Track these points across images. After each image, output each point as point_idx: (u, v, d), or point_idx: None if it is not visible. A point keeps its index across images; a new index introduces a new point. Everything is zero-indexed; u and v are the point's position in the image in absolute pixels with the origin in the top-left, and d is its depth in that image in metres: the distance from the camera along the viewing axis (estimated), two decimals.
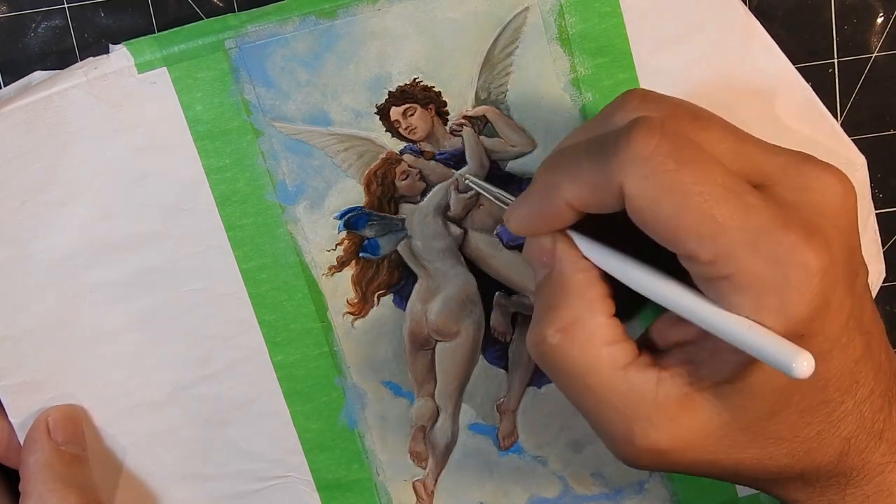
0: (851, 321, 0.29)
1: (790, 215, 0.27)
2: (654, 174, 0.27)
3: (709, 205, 0.27)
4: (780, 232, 0.27)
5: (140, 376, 0.39)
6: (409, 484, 0.42)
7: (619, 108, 0.31)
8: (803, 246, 0.27)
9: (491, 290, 0.41)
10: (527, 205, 0.31)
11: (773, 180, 0.29)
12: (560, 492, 0.43)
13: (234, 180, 0.38)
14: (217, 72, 0.37)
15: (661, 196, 0.27)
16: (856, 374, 0.30)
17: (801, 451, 0.30)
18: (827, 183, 0.29)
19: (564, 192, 0.30)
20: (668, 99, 0.31)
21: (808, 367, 0.26)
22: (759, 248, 0.27)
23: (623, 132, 0.28)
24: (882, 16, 0.41)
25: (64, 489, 0.36)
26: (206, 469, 0.40)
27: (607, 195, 0.28)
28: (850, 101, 0.41)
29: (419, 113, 0.39)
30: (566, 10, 0.38)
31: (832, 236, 0.28)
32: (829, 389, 0.30)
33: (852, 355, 0.29)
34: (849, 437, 0.30)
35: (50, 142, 0.37)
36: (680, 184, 0.27)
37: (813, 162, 0.29)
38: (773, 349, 0.26)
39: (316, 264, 0.39)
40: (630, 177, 0.27)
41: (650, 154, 0.27)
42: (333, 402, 0.41)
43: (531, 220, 0.31)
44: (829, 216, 0.28)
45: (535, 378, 0.42)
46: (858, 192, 0.40)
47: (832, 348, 0.29)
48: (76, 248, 0.38)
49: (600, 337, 0.30)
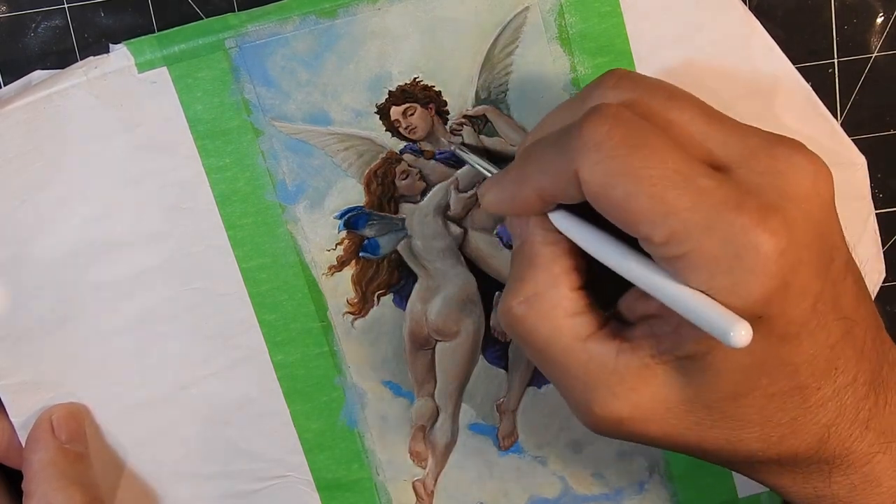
0: (821, 305, 0.29)
1: (747, 197, 0.27)
2: (605, 160, 0.28)
3: (658, 188, 0.27)
4: (733, 213, 0.27)
5: (140, 375, 0.39)
6: (408, 484, 0.42)
7: (595, 88, 0.31)
8: (756, 227, 0.27)
9: (491, 289, 0.41)
10: (501, 190, 0.32)
11: (738, 163, 0.29)
12: (560, 492, 0.43)
13: (234, 180, 0.38)
14: (217, 71, 0.37)
15: (612, 181, 0.28)
16: (833, 360, 0.30)
17: (773, 436, 0.30)
18: (797, 165, 0.29)
19: (532, 184, 0.31)
20: (644, 79, 0.31)
21: (745, 336, 0.26)
22: (711, 228, 0.27)
23: (579, 120, 0.29)
24: (882, 16, 0.41)
25: (68, 487, 0.36)
26: (206, 468, 0.40)
27: (567, 184, 0.29)
28: (850, 101, 0.41)
29: (419, 112, 0.39)
30: (566, 9, 0.38)
31: (796, 219, 0.28)
32: (801, 374, 0.29)
33: (825, 341, 0.29)
34: (829, 424, 0.30)
35: (50, 141, 0.37)
36: (630, 168, 0.28)
37: (786, 144, 0.29)
38: (714, 317, 0.27)
39: (316, 264, 0.39)
40: (584, 163, 0.28)
41: (601, 140, 0.28)
42: (333, 402, 0.41)
43: (504, 206, 0.32)
44: (796, 199, 0.28)
45: (535, 378, 0.42)
46: (858, 193, 0.40)
47: (799, 332, 0.29)
48: (76, 247, 0.38)
49: (562, 308, 0.31)
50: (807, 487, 0.32)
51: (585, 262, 0.32)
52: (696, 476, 0.43)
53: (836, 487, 0.31)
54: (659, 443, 0.31)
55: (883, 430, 0.31)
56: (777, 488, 0.33)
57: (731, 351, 0.29)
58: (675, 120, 0.29)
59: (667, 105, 0.30)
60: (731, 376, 0.29)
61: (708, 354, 0.29)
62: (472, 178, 0.39)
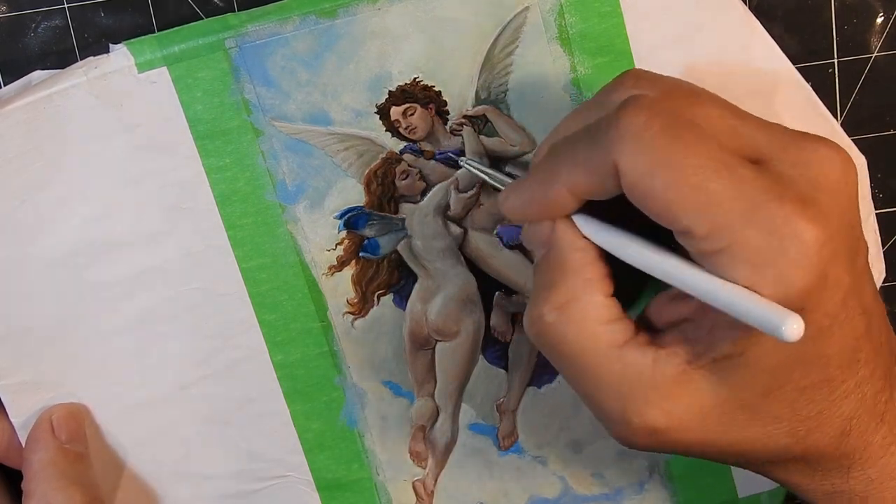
0: (850, 299, 0.29)
1: (785, 188, 0.27)
2: (647, 149, 0.27)
3: (701, 178, 0.27)
4: (775, 203, 0.27)
5: (140, 376, 0.39)
6: (408, 484, 0.42)
7: (615, 88, 0.31)
8: (799, 217, 0.27)
9: (491, 289, 0.41)
10: (526, 192, 0.31)
11: (769, 156, 0.28)
12: (560, 492, 0.43)
13: (234, 180, 0.38)
14: (217, 71, 0.37)
15: (654, 171, 0.27)
16: (857, 353, 0.30)
17: (801, 430, 0.30)
18: (825, 157, 0.28)
19: (564, 180, 0.30)
20: (664, 78, 0.31)
21: (798, 329, 0.26)
22: (754, 219, 0.26)
23: (614, 111, 0.28)
24: (882, 16, 0.41)
25: (68, 487, 0.36)
26: (206, 468, 0.40)
27: (604, 177, 0.28)
28: (850, 101, 0.41)
29: (419, 112, 0.39)
30: (566, 9, 0.38)
31: (830, 210, 0.27)
32: (830, 367, 0.29)
33: (852, 333, 0.29)
34: (850, 416, 0.30)
35: (50, 141, 0.37)
36: (672, 158, 0.27)
37: (812, 138, 0.29)
38: (764, 312, 0.26)
39: (316, 264, 0.39)
40: (623, 154, 0.27)
41: (641, 129, 0.27)
42: (333, 402, 0.41)
43: (530, 209, 0.31)
44: (827, 190, 0.28)
45: (535, 378, 0.42)
46: (858, 193, 0.40)
47: (832, 324, 0.29)
48: (76, 247, 0.38)
49: (596, 316, 0.30)
50: (825, 484, 0.32)
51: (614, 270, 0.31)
52: (696, 476, 0.43)
53: (854, 482, 0.31)
54: (692, 451, 0.31)
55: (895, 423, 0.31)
56: (796, 486, 0.33)
57: (768, 347, 0.28)
58: (704, 113, 0.29)
59: (690, 101, 0.29)
60: (765, 373, 0.29)
61: (744, 353, 0.29)
62: (472, 178, 0.39)
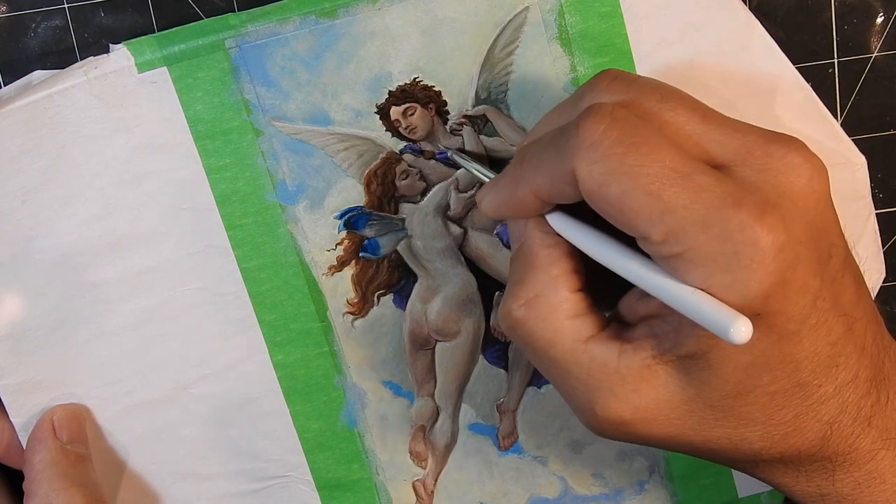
0: (821, 302, 0.29)
1: (745, 194, 0.27)
2: (602, 158, 0.28)
3: (656, 186, 0.27)
4: (731, 210, 0.27)
5: (140, 375, 0.39)
6: (409, 484, 0.42)
7: (588, 90, 0.31)
8: (754, 224, 0.27)
9: (491, 289, 0.41)
10: (497, 193, 0.32)
11: (735, 161, 0.29)
12: (560, 492, 0.43)
13: (234, 180, 0.38)
14: (217, 71, 0.37)
15: (609, 179, 0.28)
16: (834, 357, 0.30)
17: (776, 434, 0.30)
18: (792, 163, 0.29)
19: (529, 183, 0.31)
20: (637, 79, 0.31)
21: (746, 332, 0.26)
22: (709, 225, 0.27)
23: (575, 120, 0.29)
24: (882, 15, 0.41)
25: (70, 488, 0.36)
26: (207, 468, 0.40)
27: (564, 184, 0.29)
28: (849, 101, 0.41)
29: (419, 112, 0.39)
30: (566, 9, 0.38)
31: (793, 215, 0.28)
32: (802, 372, 0.29)
33: (827, 338, 0.29)
34: (831, 421, 0.30)
35: (50, 141, 0.37)
36: (627, 166, 0.28)
37: (782, 141, 0.29)
38: (713, 314, 0.27)
39: (316, 264, 0.39)
40: (580, 162, 0.28)
41: (598, 139, 0.28)
42: (333, 402, 0.41)
43: (503, 208, 0.32)
44: (792, 196, 0.28)
45: (535, 378, 0.42)
46: (858, 193, 0.40)
47: (799, 329, 0.29)
48: (76, 247, 0.38)
49: (563, 311, 0.31)
50: (810, 486, 0.32)
51: (584, 264, 0.32)
52: (696, 476, 0.43)
53: (840, 485, 0.31)
54: (662, 443, 0.31)
55: (885, 427, 0.31)
56: (781, 487, 0.33)
57: (732, 349, 0.29)
58: (671, 120, 0.29)
59: (661, 105, 0.30)
60: (732, 374, 0.29)
61: (709, 353, 0.29)
62: (472, 178, 0.39)
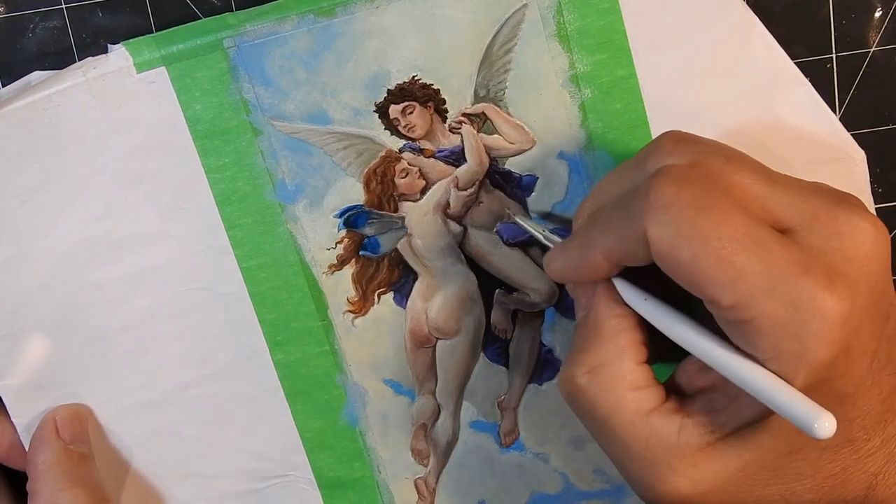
0: (876, 363, 0.29)
1: (813, 261, 0.28)
2: (674, 221, 0.28)
3: (727, 251, 0.27)
4: (801, 278, 0.27)
5: (141, 375, 0.39)
6: (410, 482, 0.42)
7: (653, 152, 0.31)
8: (824, 293, 0.27)
9: (491, 287, 0.41)
10: (566, 257, 0.32)
11: (800, 226, 0.29)
12: (561, 489, 0.43)
13: (233, 179, 0.38)
14: (216, 71, 0.37)
15: (681, 242, 0.28)
16: (884, 413, 0.30)
17: (825, 486, 0.31)
18: (858, 228, 0.29)
19: (600, 246, 0.31)
20: (701, 141, 0.31)
21: (830, 427, 0.26)
22: (778, 294, 0.27)
23: (646, 181, 0.29)
24: (880, 10, 0.41)
25: (73, 488, 0.36)
26: (208, 468, 0.40)
27: (636, 245, 0.29)
28: (848, 97, 0.41)
29: (418, 111, 0.39)
30: (564, 6, 0.38)
31: (858, 282, 0.28)
32: (853, 429, 0.30)
33: (878, 396, 0.30)
34: (877, 472, 0.31)
35: (49, 141, 0.37)
36: (699, 230, 0.28)
37: (846, 205, 0.29)
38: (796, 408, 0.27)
39: (316, 263, 0.39)
40: (652, 224, 0.28)
41: (670, 201, 0.28)
42: (334, 401, 0.41)
43: (571, 272, 0.32)
44: (857, 262, 0.28)
45: (535, 375, 0.42)
46: (858, 188, 0.40)
47: (856, 391, 0.29)
48: (76, 247, 0.38)
49: (626, 382, 0.31)
50: None
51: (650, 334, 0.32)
52: None
53: None
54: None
55: None
56: None
57: None
58: (737, 182, 0.29)
59: (727, 167, 0.30)
60: (787, 436, 0.30)
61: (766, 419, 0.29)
62: (472, 176, 0.39)
